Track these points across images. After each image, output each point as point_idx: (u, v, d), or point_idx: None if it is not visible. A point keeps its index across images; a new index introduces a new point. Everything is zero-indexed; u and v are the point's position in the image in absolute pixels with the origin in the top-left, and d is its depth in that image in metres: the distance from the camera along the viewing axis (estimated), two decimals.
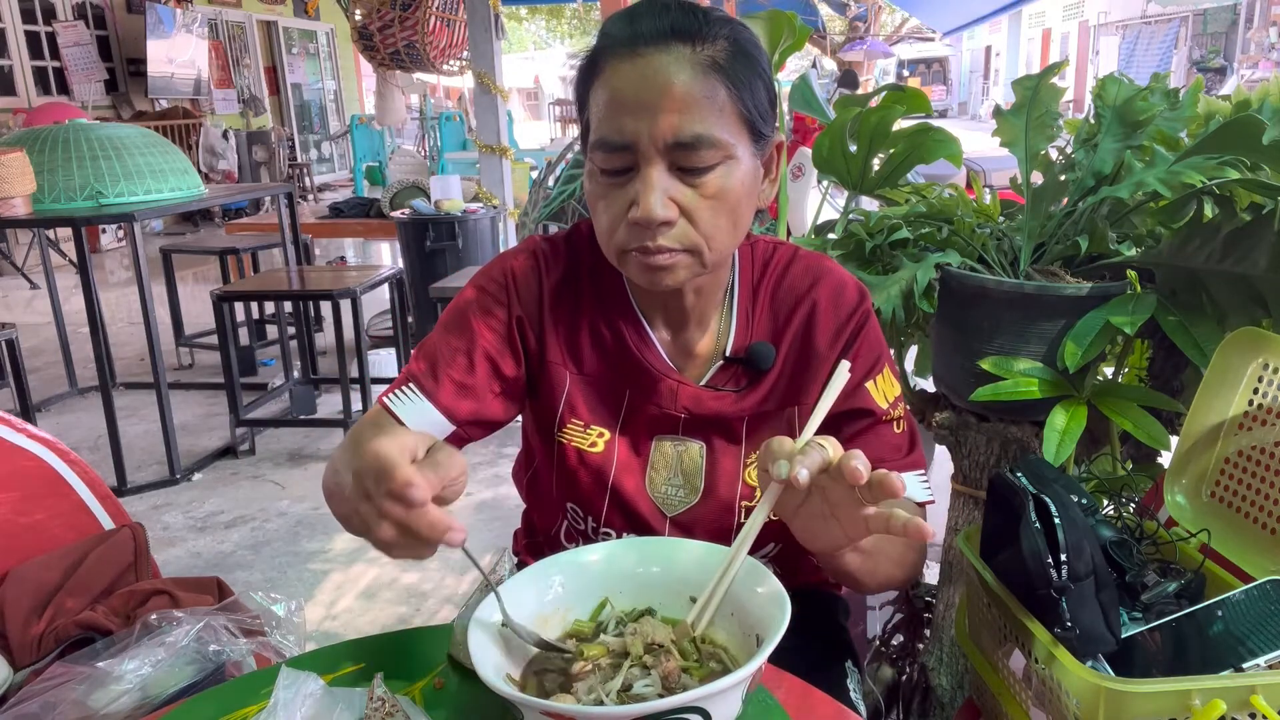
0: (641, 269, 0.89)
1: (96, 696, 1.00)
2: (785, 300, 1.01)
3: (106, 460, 3.25)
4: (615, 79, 0.85)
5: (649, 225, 0.85)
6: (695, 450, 1.00)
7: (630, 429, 1.01)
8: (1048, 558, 0.81)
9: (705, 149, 0.84)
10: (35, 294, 6.67)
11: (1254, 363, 0.96)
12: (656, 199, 0.84)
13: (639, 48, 0.84)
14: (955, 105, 29.58)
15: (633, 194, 0.86)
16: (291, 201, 4.23)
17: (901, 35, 22.84)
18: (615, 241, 0.89)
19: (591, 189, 0.90)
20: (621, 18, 0.88)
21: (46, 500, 1.33)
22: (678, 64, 0.83)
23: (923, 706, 1.47)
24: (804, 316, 0.99)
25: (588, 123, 0.89)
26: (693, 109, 0.83)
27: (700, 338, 1.01)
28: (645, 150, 0.84)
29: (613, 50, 0.86)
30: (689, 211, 0.86)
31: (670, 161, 0.85)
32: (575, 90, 0.93)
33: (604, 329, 1.01)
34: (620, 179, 0.87)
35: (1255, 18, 16.45)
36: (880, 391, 0.99)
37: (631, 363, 0.99)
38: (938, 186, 1.59)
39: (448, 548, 0.66)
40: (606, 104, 0.86)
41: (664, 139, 0.83)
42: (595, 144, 0.86)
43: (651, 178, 0.84)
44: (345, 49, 13.99)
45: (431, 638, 0.89)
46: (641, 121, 0.83)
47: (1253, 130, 1.07)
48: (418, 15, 6.32)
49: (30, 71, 9.01)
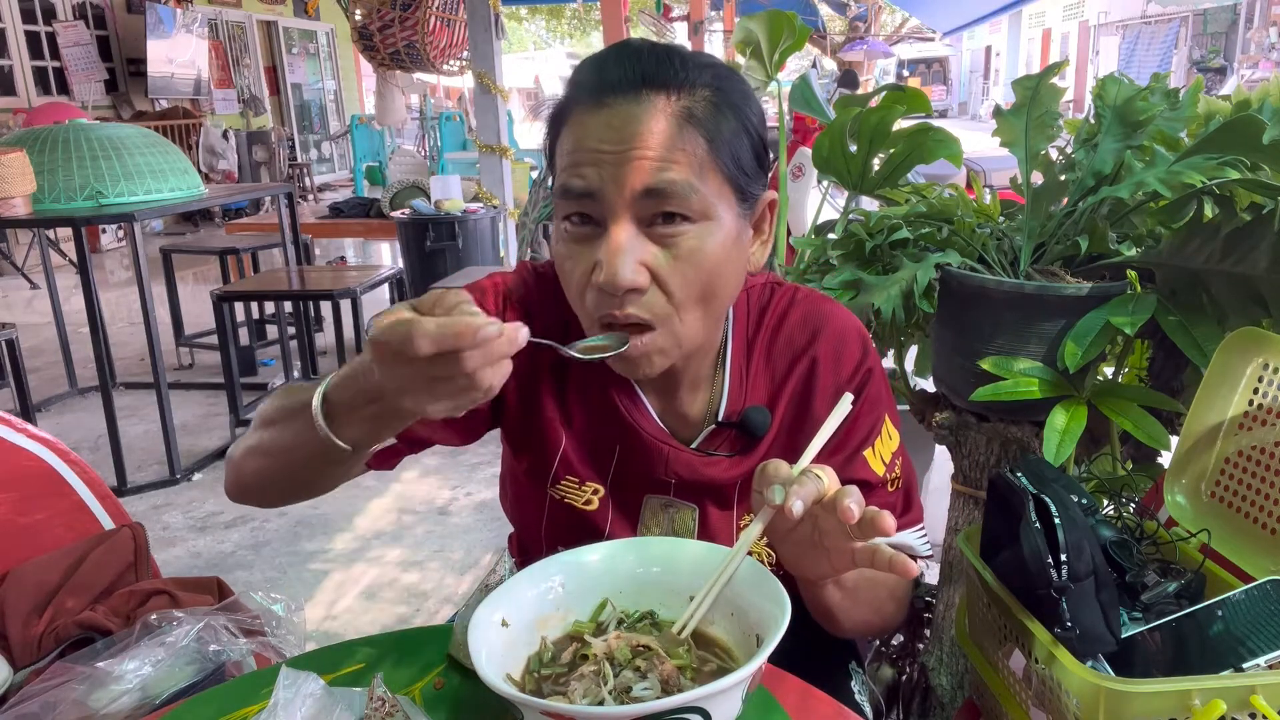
0: (615, 360, 0.82)
1: (96, 696, 0.99)
2: (783, 356, 0.94)
3: (106, 460, 3.25)
4: (579, 128, 0.78)
5: (615, 291, 0.77)
6: (687, 514, 0.97)
7: (620, 487, 0.97)
8: (1048, 558, 0.81)
9: (678, 198, 0.76)
10: (35, 294, 6.68)
11: (1254, 363, 0.96)
12: (624, 262, 0.76)
13: (607, 96, 0.77)
14: (955, 105, 29.59)
15: (597, 253, 0.78)
16: (291, 201, 4.23)
17: (901, 35, 22.84)
18: (585, 312, 0.82)
19: (559, 250, 0.83)
20: (590, 65, 0.81)
21: (46, 500, 1.33)
22: (648, 112, 0.76)
23: (923, 706, 1.47)
24: (802, 374, 0.93)
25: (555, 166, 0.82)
26: (664, 159, 0.76)
27: (693, 399, 0.94)
28: (611, 202, 0.76)
29: (580, 98, 0.79)
30: (660, 276, 0.78)
31: (638, 216, 0.77)
32: (544, 143, 0.86)
33: (594, 387, 0.94)
34: (586, 237, 0.79)
35: (1255, 18, 16.45)
36: (878, 456, 0.95)
37: (622, 425, 0.94)
38: (938, 186, 1.59)
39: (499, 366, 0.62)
40: (570, 152, 0.78)
41: (631, 188, 0.76)
42: (557, 191, 0.79)
43: (618, 237, 0.76)
44: (345, 49, 13.99)
45: (431, 638, 0.89)
46: (606, 168, 0.76)
47: (1253, 130, 1.07)
48: (418, 15, 6.32)
49: (30, 71, 9.01)
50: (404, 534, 2.91)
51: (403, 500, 3.16)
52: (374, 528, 2.96)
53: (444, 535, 2.89)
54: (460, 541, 2.84)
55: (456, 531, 2.91)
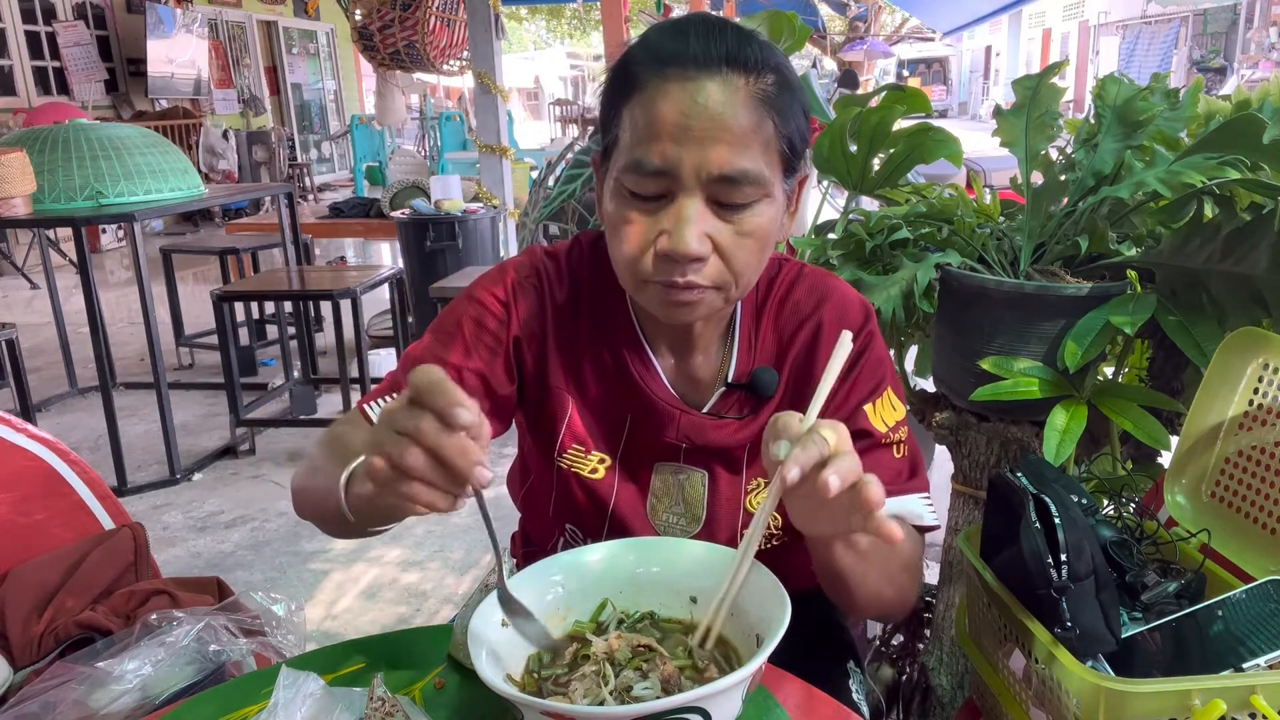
0: (664, 304, 0.84)
1: (96, 696, 1.00)
2: (789, 323, 0.97)
3: (106, 460, 3.25)
4: (662, 100, 0.78)
5: (682, 260, 0.80)
6: (697, 479, 0.98)
7: (630, 456, 0.98)
8: (1048, 558, 0.81)
9: (749, 185, 0.80)
10: (35, 294, 6.68)
11: (1254, 363, 0.97)
12: (693, 233, 0.79)
13: (690, 70, 0.78)
14: (955, 105, 29.58)
15: (664, 223, 0.80)
16: (291, 201, 4.23)
17: (901, 35, 22.84)
18: (638, 271, 0.83)
19: (614, 210, 0.83)
20: (669, 32, 0.82)
21: (46, 500, 1.33)
22: (733, 94, 0.78)
23: (923, 706, 1.47)
24: (807, 338, 0.96)
25: (615, 139, 0.83)
26: (743, 143, 0.78)
27: (704, 363, 0.97)
28: (686, 180, 0.79)
29: (658, 67, 0.79)
30: (723, 248, 0.81)
31: (709, 195, 0.80)
32: (604, 97, 0.86)
33: (606, 354, 0.96)
34: (650, 204, 0.81)
35: (1255, 18, 16.45)
36: (879, 416, 0.95)
37: (634, 390, 0.96)
38: (938, 186, 1.59)
39: (466, 497, 0.65)
40: (649, 125, 0.79)
41: (709, 172, 0.78)
42: (630, 165, 0.80)
43: (689, 210, 0.79)
44: (345, 49, 13.99)
45: (431, 638, 0.89)
46: (687, 150, 0.78)
47: (1253, 130, 1.07)
48: (418, 15, 6.32)
49: (30, 71, 9.01)
50: (404, 534, 2.91)
51: None
52: None
53: (444, 535, 2.89)
54: (460, 541, 2.84)
55: (456, 531, 2.91)
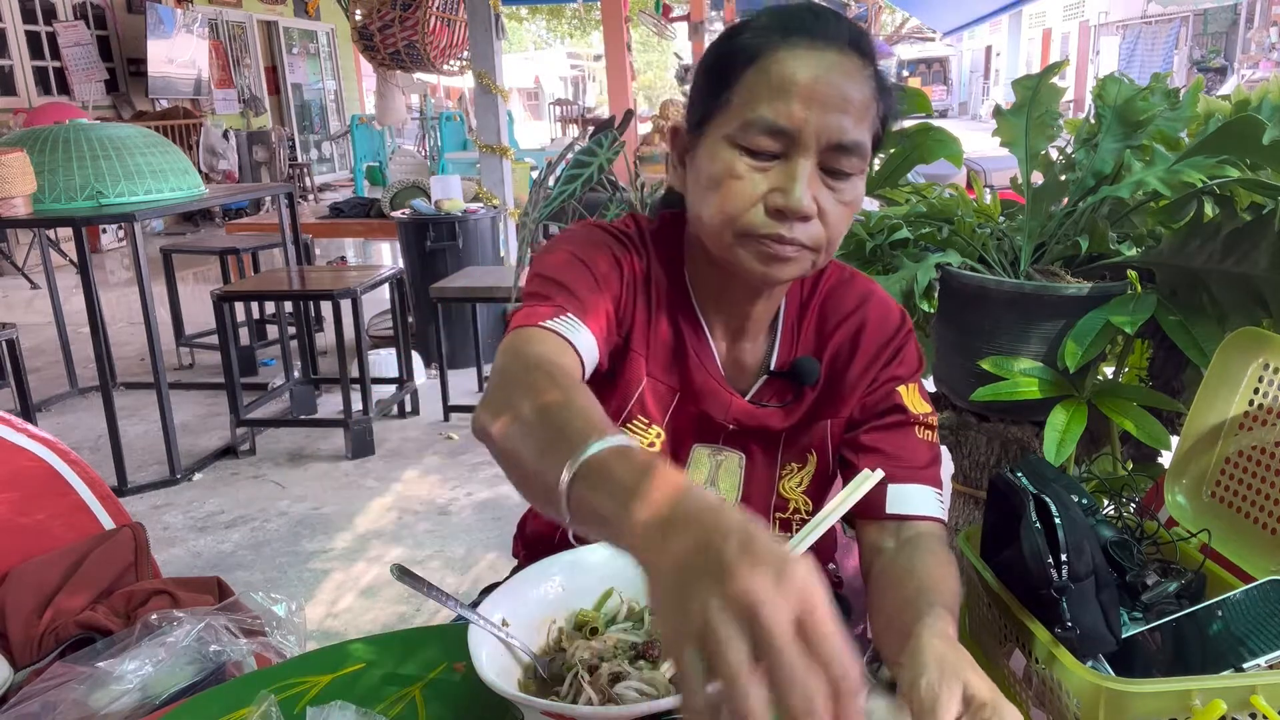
0: (763, 257, 0.87)
1: (97, 696, 0.99)
2: (832, 318, 1.01)
3: (107, 460, 3.25)
4: (792, 61, 0.84)
5: (794, 215, 0.84)
6: (734, 461, 1.01)
7: (674, 432, 1.00)
8: (1048, 558, 0.81)
9: (857, 157, 0.86)
10: (35, 294, 6.68)
11: (1254, 363, 0.96)
12: (805, 191, 0.84)
13: (816, 42, 0.84)
14: (955, 105, 29.57)
15: (775, 181, 0.85)
16: (292, 201, 4.23)
17: (901, 35, 22.82)
18: (741, 224, 0.86)
19: (719, 167, 0.86)
20: (798, 10, 0.88)
21: (46, 500, 1.33)
22: (853, 69, 0.84)
23: None
24: (850, 332, 0.99)
25: (727, 101, 0.86)
26: (859, 117, 0.84)
27: (753, 349, 1.00)
28: (806, 142, 0.83)
29: (785, 35, 0.85)
30: (825, 213, 0.86)
31: (821, 160, 0.85)
32: (709, 66, 0.89)
33: (668, 328, 0.99)
34: (763, 162, 0.85)
35: (1255, 18, 16.45)
36: (912, 398, 0.98)
37: (689, 368, 0.98)
38: (938, 186, 1.59)
39: None
40: (778, 84, 0.83)
41: (829, 138, 0.83)
42: (753, 121, 0.84)
43: (804, 169, 0.84)
44: (345, 49, 13.99)
45: (431, 638, 0.89)
46: (813, 113, 0.83)
47: (1253, 130, 1.07)
48: (418, 15, 6.32)
49: (30, 71, 9.01)
50: (404, 533, 2.91)
51: (403, 499, 3.16)
52: (374, 527, 2.96)
53: (444, 535, 2.89)
54: (461, 541, 2.84)
55: (457, 531, 2.91)
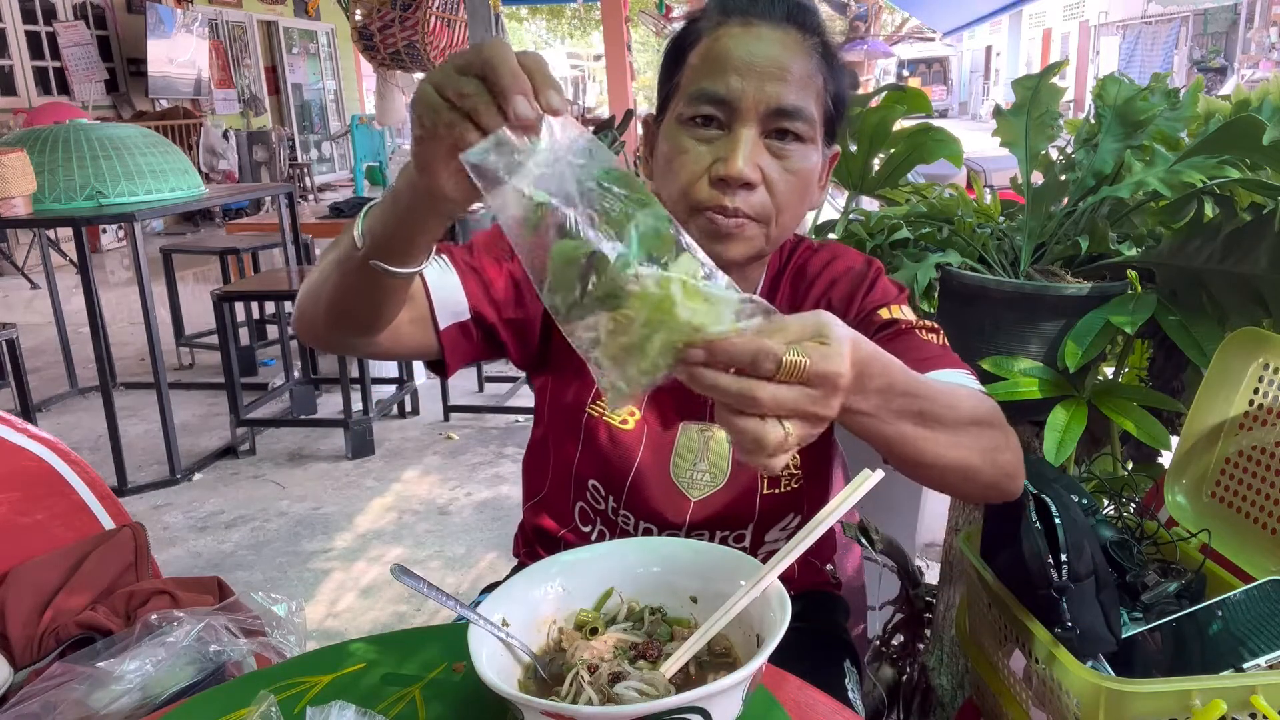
0: (711, 232, 0.89)
1: (97, 696, 1.00)
2: (802, 284, 1.04)
3: (107, 460, 3.25)
4: (728, 39, 0.88)
5: (735, 182, 0.87)
6: (722, 436, 1.02)
7: (657, 409, 1.02)
8: (1048, 558, 0.81)
9: (800, 121, 0.88)
10: (36, 294, 6.67)
11: (1254, 363, 0.97)
12: (745, 158, 0.86)
13: (753, 19, 0.89)
14: (955, 105, 29.56)
15: (719, 151, 0.88)
16: (292, 201, 4.23)
17: (901, 35, 22.80)
18: (690, 198, 0.89)
19: (671, 145, 0.91)
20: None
21: (46, 500, 1.33)
22: (792, 44, 0.88)
23: (923, 706, 1.47)
24: (822, 289, 1.02)
25: (676, 85, 0.92)
26: (797, 84, 0.87)
27: None
28: (745, 110, 0.87)
29: (723, 16, 0.90)
30: (770, 181, 0.89)
31: (763, 129, 0.88)
32: (667, 56, 0.95)
33: None
34: (707, 133, 0.89)
35: (1255, 18, 16.44)
36: (899, 313, 0.96)
37: None
38: (938, 186, 1.59)
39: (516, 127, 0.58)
40: (715, 59, 0.88)
41: (766, 104, 0.86)
42: (695, 94, 0.88)
43: (745, 138, 0.87)
44: (345, 49, 13.98)
45: (431, 638, 0.89)
46: (749, 82, 0.86)
47: (1253, 130, 1.07)
48: (418, 15, 6.32)
49: (31, 71, 9.01)
50: (404, 533, 2.91)
51: (403, 499, 3.16)
52: (374, 527, 2.96)
53: (444, 535, 2.89)
54: (461, 541, 2.84)
55: (457, 531, 2.91)
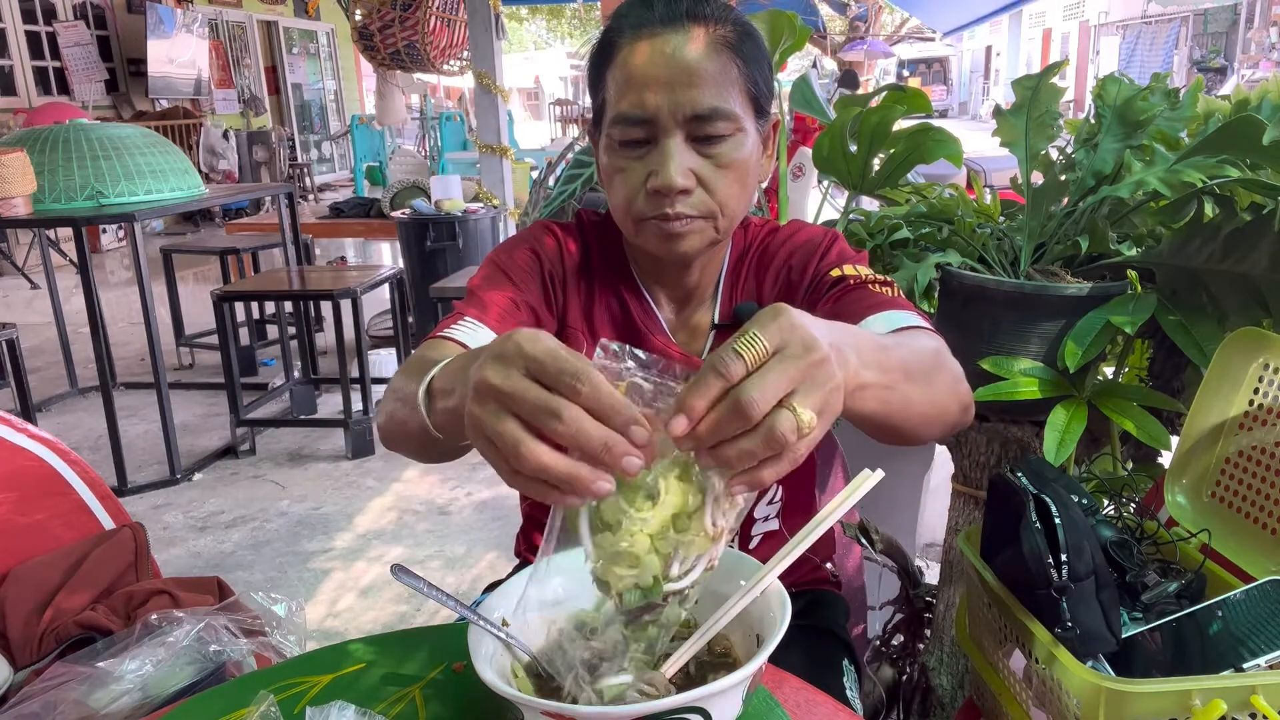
0: (660, 237, 0.93)
1: (97, 696, 1.00)
2: (765, 262, 1.06)
3: (107, 460, 3.25)
4: (634, 57, 0.90)
5: (668, 193, 0.90)
6: None
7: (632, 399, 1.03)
8: (1048, 558, 0.81)
9: (720, 120, 0.89)
10: (36, 294, 6.67)
11: (1254, 363, 0.96)
12: (675, 168, 0.89)
13: (655, 28, 0.90)
14: (955, 105, 29.56)
15: (651, 164, 0.91)
16: (292, 201, 4.23)
17: (901, 35, 22.80)
18: (634, 211, 0.93)
19: (609, 163, 0.94)
20: (635, 2, 0.93)
21: (46, 500, 1.33)
22: (694, 42, 0.89)
23: (923, 706, 1.47)
24: (782, 262, 1.05)
25: (603, 102, 0.94)
26: (709, 84, 0.88)
27: (700, 312, 1.06)
28: (665, 123, 0.89)
29: (629, 32, 0.91)
30: (705, 180, 0.91)
31: (687, 133, 0.90)
32: (589, 72, 0.98)
33: (614, 302, 1.05)
34: (638, 151, 0.91)
35: (1256, 18, 16.44)
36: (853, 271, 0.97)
37: (638, 336, 1.03)
38: (938, 186, 1.59)
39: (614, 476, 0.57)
40: (626, 81, 0.90)
41: (683, 112, 0.88)
42: (615, 119, 0.91)
43: (670, 148, 0.89)
44: (345, 49, 13.98)
45: (431, 637, 0.89)
46: (661, 95, 0.88)
47: (1253, 130, 1.07)
48: (418, 15, 6.32)
49: (31, 71, 9.01)
50: (404, 533, 2.92)
51: (403, 499, 3.16)
52: (374, 527, 2.96)
53: (444, 534, 2.89)
54: (461, 540, 2.84)
55: (457, 530, 2.91)
